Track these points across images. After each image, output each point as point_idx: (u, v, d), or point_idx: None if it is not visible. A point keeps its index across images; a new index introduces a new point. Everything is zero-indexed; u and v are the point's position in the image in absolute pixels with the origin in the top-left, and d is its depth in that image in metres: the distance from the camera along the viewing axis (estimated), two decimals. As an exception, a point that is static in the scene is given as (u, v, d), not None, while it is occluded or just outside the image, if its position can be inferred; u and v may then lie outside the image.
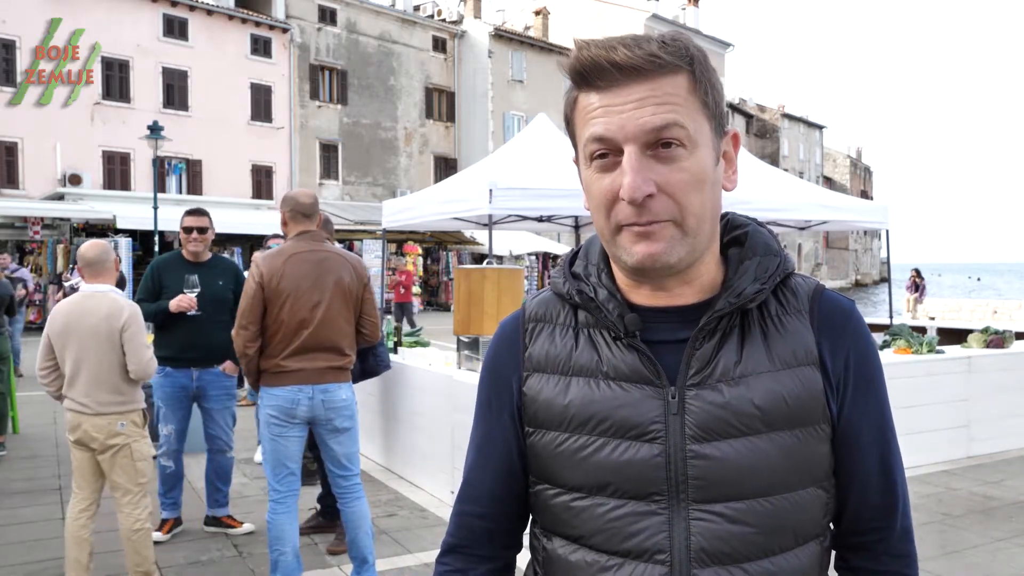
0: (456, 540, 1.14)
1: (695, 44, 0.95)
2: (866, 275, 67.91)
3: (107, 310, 3.63)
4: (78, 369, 3.62)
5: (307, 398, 3.59)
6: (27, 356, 12.42)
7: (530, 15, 39.96)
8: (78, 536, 3.66)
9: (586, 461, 1.00)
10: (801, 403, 0.98)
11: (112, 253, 3.84)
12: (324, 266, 3.66)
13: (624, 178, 0.91)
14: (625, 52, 0.91)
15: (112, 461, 3.67)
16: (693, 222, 0.94)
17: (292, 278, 3.57)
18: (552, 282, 1.10)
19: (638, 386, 0.99)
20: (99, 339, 3.60)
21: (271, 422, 3.58)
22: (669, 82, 0.92)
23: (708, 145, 0.95)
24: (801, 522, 0.99)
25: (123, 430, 3.66)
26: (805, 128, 59.39)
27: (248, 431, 7.41)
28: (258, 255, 3.69)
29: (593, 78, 0.93)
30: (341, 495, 3.79)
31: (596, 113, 0.94)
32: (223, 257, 5.15)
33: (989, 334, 7.18)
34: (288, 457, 3.62)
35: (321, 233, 3.82)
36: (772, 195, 8.65)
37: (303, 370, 3.58)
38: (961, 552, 4.51)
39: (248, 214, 23.93)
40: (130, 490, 3.70)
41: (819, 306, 1.02)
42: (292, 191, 3.89)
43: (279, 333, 3.56)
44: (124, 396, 3.68)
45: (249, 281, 3.58)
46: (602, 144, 0.93)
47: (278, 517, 3.60)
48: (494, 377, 1.11)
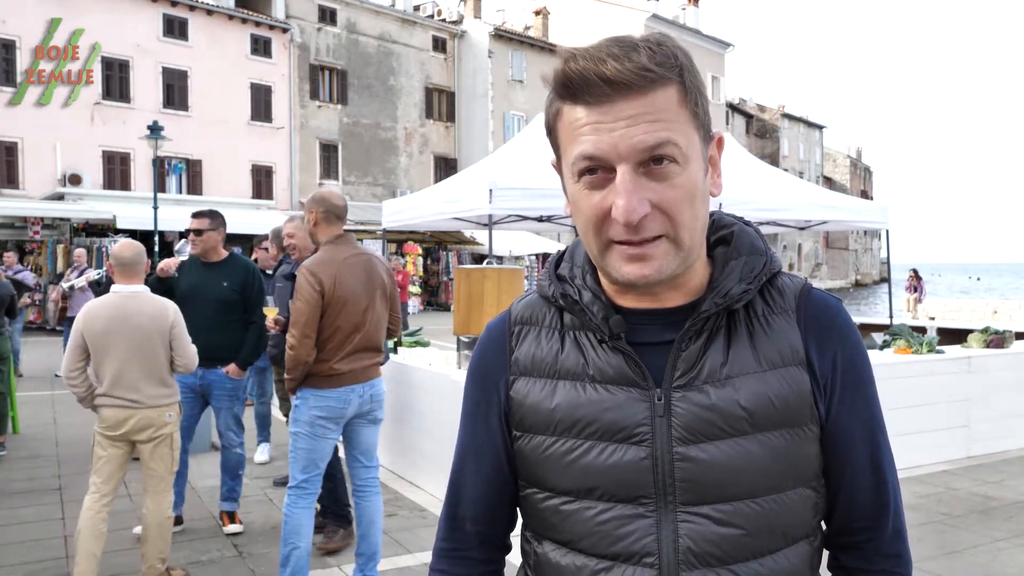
0: (449, 544, 1.14)
1: (681, 48, 0.93)
2: (866, 275, 67.88)
3: (153, 310, 3.84)
4: (125, 368, 3.76)
5: (358, 396, 3.72)
6: (27, 357, 12.43)
7: (530, 15, 39.95)
8: (98, 530, 3.75)
9: (573, 465, 0.99)
10: (788, 404, 0.97)
11: (145, 255, 3.99)
12: (369, 270, 3.76)
13: (618, 199, 0.89)
14: (615, 66, 0.87)
15: (155, 451, 3.87)
16: (686, 236, 0.93)
17: (348, 284, 3.64)
18: (538, 284, 1.10)
19: (624, 389, 0.98)
20: (150, 337, 3.80)
21: (317, 423, 3.64)
22: (660, 96, 0.89)
23: (698, 157, 0.94)
24: (790, 523, 0.99)
25: (171, 420, 3.91)
26: (805, 128, 59.35)
27: (249, 431, 7.40)
28: (306, 262, 3.68)
29: (581, 93, 0.90)
30: (361, 488, 3.87)
31: (585, 130, 0.90)
32: (239, 257, 5.11)
33: (989, 334, 7.18)
34: (322, 457, 3.70)
35: (352, 235, 3.86)
36: (772, 195, 8.66)
37: (354, 371, 3.69)
38: (961, 552, 4.51)
39: (248, 214, 23.93)
40: (164, 478, 3.90)
41: (806, 305, 1.02)
42: (323, 191, 3.89)
43: (334, 338, 3.63)
44: (171, 388, 3.93)
45: (307, 289, 3.55)
46: (592, 162, 0.91)
47: (298, 511, 3.62)
48: (481, 381, 1.11)
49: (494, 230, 8.65)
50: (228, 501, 4.88)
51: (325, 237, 3.74)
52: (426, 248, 27.63)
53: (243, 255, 5.66)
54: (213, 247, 4.85)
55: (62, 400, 9.44)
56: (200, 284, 4.76)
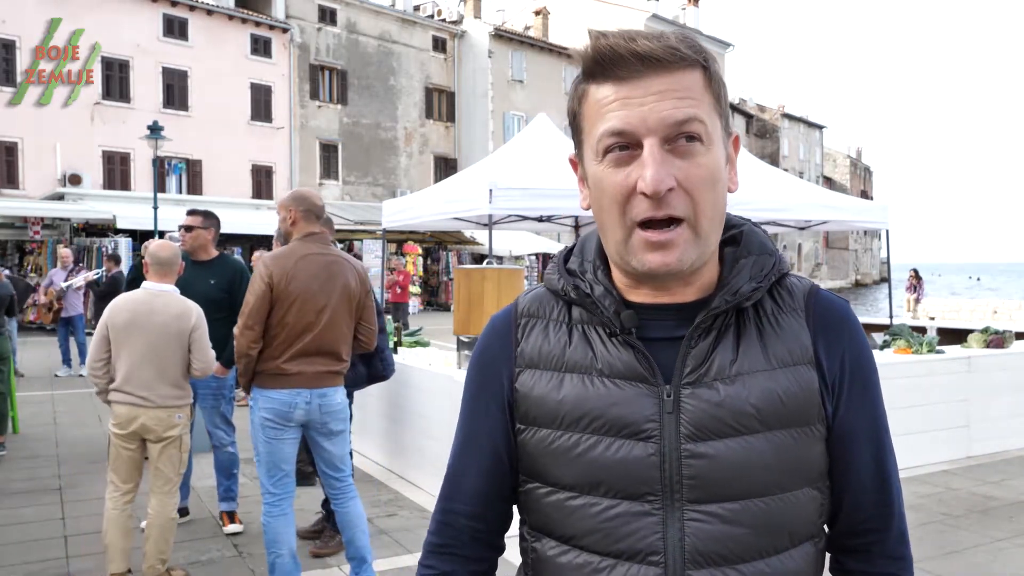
0: (440, 540, 1.11)
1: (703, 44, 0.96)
2: (866, 275, 67.87)
3: (177, 310, 3.87)
4: (140, 364, 3.77)
5: (304, 402, 3.56)
6: (26, 357, 12.43)
7: (530, 15, 39.95)
8: (127, 527, 3.83)
9: (579, 459, 0.98)
10: (797, 402, 0.97)
11: (180, 256, 4.04)
12: (332, 270, 3.63)
13: (646, 171, 0.89)
14: (646, 43, 0.90)
15: (163, 451, 3.86)
16: (706, 223, 0.93)
17: (302, 281, 3.53)
18: (546, 278, 1.09)
19: (633, 384, 0.98)
20: (169, 337, 3.81)
21: (266, 424, 3.54)
22: (688, 76, 0.92)
23: (720, 143, 0.95)
24: (796, 523, 0.98)
25: (179, 422, 3.90)
26: (805, 128, 59.36)
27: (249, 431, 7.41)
28: (266, 255, 3.64)
29: (612, 68, 0.91)
30: (335, 496, 3.78)
31: (613, 106, 0.92)
32: (228, 256, 5.19)
33: (989, 334, 7.18)
34: (283, 459, 3.59)
35: (328, 235, 3.79)
36: (772, 195, 8.66)
37: (302, 374, 3.54)
38: (961, 552, 4.51)
39: (248, 214, 23.94)
40: (171, 479, 3.90)
41: (815, 305, 1.02)
42: (302, 190, 3.85)
43: (281, 335, 3.52)
44: (183, 391, 3.92)
45: (257, 281, 3.51)
46: (620, 137, 0.92)
47: (274, 520, 3.56)
48: (484, 372, 1.09)
49: (494, 230, 8.65)
50: (226, 501, 4.89)
51: (299, 235, 3.68)
52: (426, 248, 27.62)
53: (243, 255, 5.67)
54: (202, 245, 4.88)
55: (62, 400, 9.45)
56: (188, 281, 4.75)
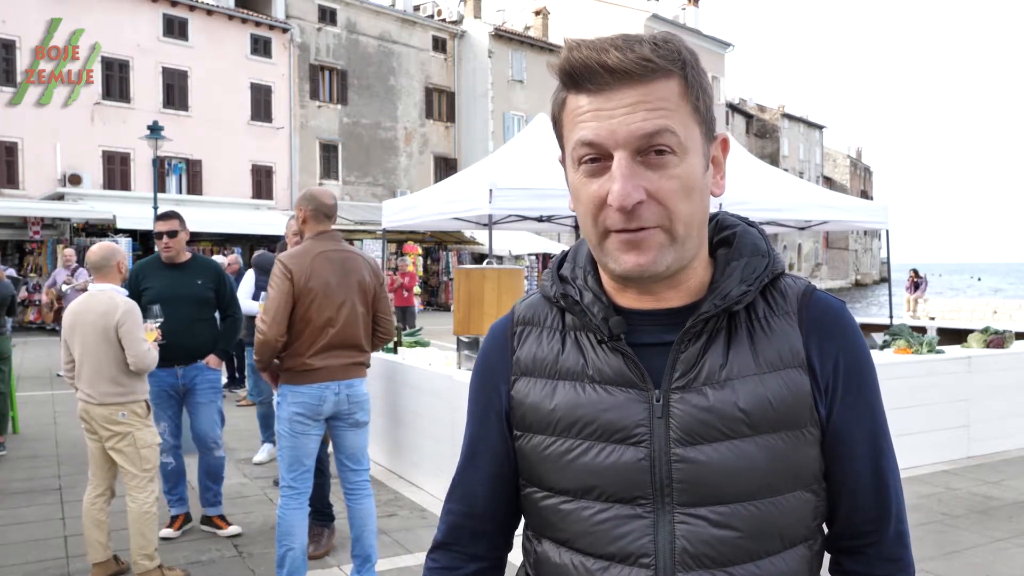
0: (445, 538, 1.16)
1: (687, 46, 0.95)
2: (866, 275, 67.87)
3: (103, 307, 3.92)
4: (83, 362, 3.93)
5: (333, 394, 3.67)
6: (26, 357, 12.44)
7: (530, 15, 39.94)
8: (96, 519, 3.99)
9: (572, 464, 1.00)
10: (787, 406, 0.97)
11: (117, 256, 4.09)
12: (347, 265, 3.73)
13: (614, 184, 0.90)
14: (617, 55, 0.89)
15: (115, 447, 3.94)
16: (681, 229, 0.93)
17: (320, 277, 3.62)
18: (540, 285, 1.11)
19: (623, 389, 0.99)
20: (97, 334, 3.89)
21: (295, 419, 3.63)
22: (661, 86, 0.91)
23: (698, 151, 0.94)
24: (788, 526, 0.98)
25: (124, 419, 3.93)
26: (805, 128, 59.35)
27: (249, 431, 7.41)
28: (281, 255, 3.73)
29: (583, 80, 0.92)
30: (351, 491, 3.83)
31: (585, 117, 0.92)
32: (202, 257, 5.21)
33: (989, 334, 7.18)
34: (306, 454, 3.68)
35: (338, 233, 3.88)
36: (772, 195, 8.67)
37: (328, 367, 3.65)
38: (961, 552, 4.51)
39: (248, 214, 23.97)
40: (136, 475, 3.96)
41: (808, 307, 1.01)
42: (312, 189, 3.92)
43: (305, 331, 3.61)
44: (123, 387, 3.94)
45: (278, 279, 3.59)
46: (591, 149, 0.92)
47: (290, 512, 3.61)
48: (484, 381, 1.12)
49: (494, 230, 8.65)
50: (215, 506, 4.86)
51: (311, 234, 3.78)
52: (426, 248, 27.62)
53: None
54: (183, 247, 4.84)
55: (62, 400, 9.44)
56: (175, 285, 4.74)
